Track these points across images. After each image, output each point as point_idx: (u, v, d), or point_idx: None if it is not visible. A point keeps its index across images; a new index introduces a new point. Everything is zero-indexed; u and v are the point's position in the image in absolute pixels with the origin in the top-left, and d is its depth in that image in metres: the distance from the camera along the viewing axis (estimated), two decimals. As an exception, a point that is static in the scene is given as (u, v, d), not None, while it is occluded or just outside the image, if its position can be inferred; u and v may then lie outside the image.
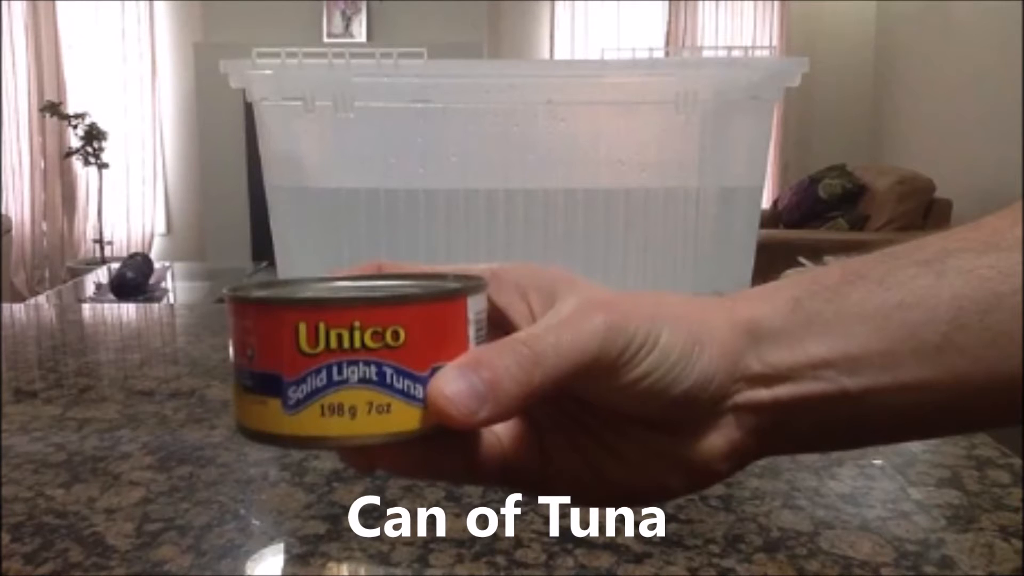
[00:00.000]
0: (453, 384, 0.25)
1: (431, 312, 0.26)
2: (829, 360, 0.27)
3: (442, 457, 0.28)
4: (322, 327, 0.25)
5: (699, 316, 0.28)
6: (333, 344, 0.25)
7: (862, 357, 0.27)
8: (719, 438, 0.28)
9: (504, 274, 0.30)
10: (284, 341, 0.25)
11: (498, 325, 0.30)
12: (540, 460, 0.29)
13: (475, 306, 0.27)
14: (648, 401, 0.27)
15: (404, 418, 0.25)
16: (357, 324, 0.25)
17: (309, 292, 0.29)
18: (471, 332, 0.27)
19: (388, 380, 0.25)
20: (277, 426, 0.25)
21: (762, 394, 0.28)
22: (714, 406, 0.28)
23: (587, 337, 0.26)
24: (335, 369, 0.25)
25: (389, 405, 0.25)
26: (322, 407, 0.25)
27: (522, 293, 0.30)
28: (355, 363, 0.25)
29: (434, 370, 0.26)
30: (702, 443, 0.28)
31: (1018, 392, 0.27)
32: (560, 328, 0.26)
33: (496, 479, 0.29)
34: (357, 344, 0.25)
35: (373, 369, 0.25)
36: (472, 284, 0.28)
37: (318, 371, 0.25)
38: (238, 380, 0.27)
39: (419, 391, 0.25)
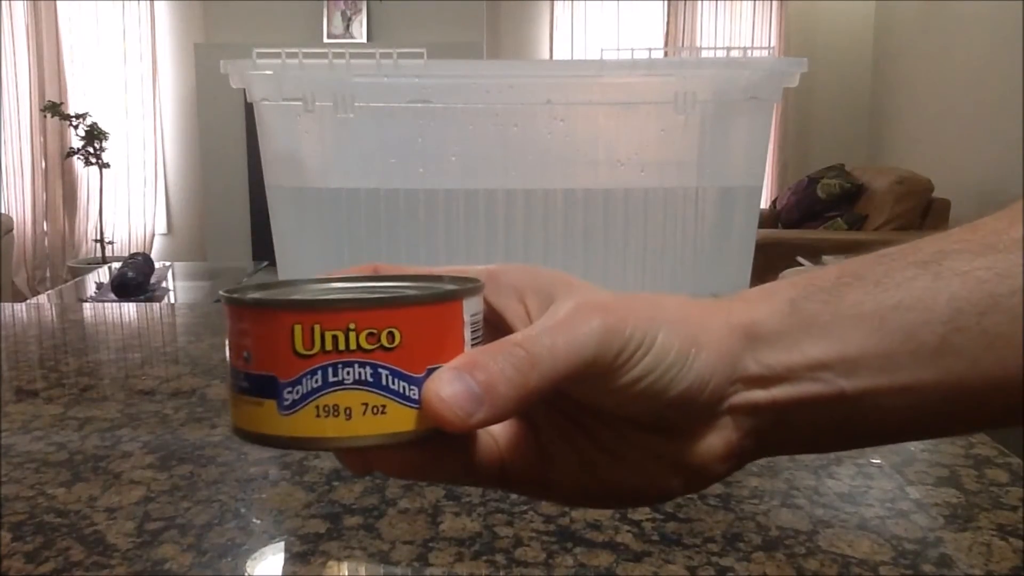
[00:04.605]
0: (448, 386, 0.25)
1: (427, 314, 0.26)
2: (826, 362, 0.27)
3: (439, 459, 0.28)
4: (317, 329, 0.25)
5: (696, 318, 0.28)
6: (328, 346, 0.25)
7: (859, 359, 0.27)
8: (717, 440, 0.28)
9: (501, 275, 0.30)
10: (280, 343, 0.25)
11: (495, 327, 0.30)
12: (539, 462, 0.30)
13: (471, 308, 0.27)
14: (645, 403, 0.27)
15: (400, 419, 0.25)
16: (352, 326, 0.25)
17: (305, 294, 0.29)
18: (467, 334, 0.27)
19: (383, 382, 0.25)
20: (273, 427, 0.26)
21: (759, 395, 0.28)
22: (711, 408, 0.28)
23: (583, 340, 0.26)
24: (330, 371, 0.25)
25: (384, 407, 0.25)
26: (317, 408, 0.25)
27: (519, 295, 0.30)
28: (350, 364, 0.25)
29: (430, 372, 0.26)
30: (700, 445, 0.28)
31: (1016, 395, 0.27)
32: (556, 330, 0.26)
33: (495, 481, 0.29)
34: (353, 346, 0.25)
35: (368, 371, 0.25)
36: (468, 286, 0.28)
37: (313, 372, 0.25)
38: (234, 382, 0.27)
39: (415, 393, 0.26)
